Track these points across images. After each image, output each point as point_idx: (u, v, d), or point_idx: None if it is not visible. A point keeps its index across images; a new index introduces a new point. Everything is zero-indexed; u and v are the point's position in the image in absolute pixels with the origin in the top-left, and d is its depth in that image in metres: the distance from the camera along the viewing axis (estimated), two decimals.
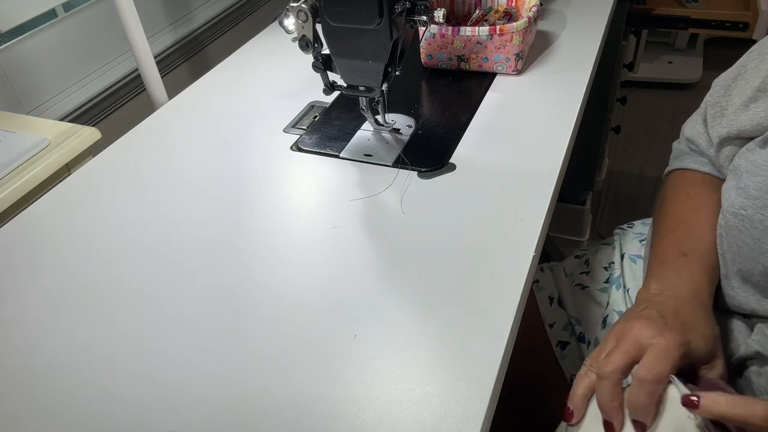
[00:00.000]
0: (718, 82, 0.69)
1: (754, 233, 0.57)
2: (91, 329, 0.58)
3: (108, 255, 0.67)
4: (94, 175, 0.80)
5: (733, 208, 0.59)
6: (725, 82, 0.67)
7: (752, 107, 0.61)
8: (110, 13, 1.14)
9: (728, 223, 0.61)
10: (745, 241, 0.58)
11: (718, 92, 0.68)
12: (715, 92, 0.68)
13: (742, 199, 0.58)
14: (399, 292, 0.59)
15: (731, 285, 0.62)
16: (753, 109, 0.61)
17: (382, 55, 0.69)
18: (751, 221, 0.57)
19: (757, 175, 0.57)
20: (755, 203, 0.57)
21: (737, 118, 0.63)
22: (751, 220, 0.57)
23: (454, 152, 0.77)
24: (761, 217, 0.56)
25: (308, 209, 0.70)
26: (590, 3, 1.09)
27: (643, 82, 2.41)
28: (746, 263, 0.59)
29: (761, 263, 0.57)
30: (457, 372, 0.51)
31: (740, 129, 0.62)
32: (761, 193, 0.56)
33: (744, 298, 0.61)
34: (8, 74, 1.03)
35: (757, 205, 0.56)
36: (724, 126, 0.65)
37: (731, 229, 0.60)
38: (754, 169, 0.58)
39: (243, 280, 0.62)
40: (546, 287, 0.84)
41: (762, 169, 0.57)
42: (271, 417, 0.49)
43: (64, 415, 0.51)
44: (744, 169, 0.60)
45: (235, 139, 0.84)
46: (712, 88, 0.69)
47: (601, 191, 1.89)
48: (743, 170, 0.59)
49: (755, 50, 0.65)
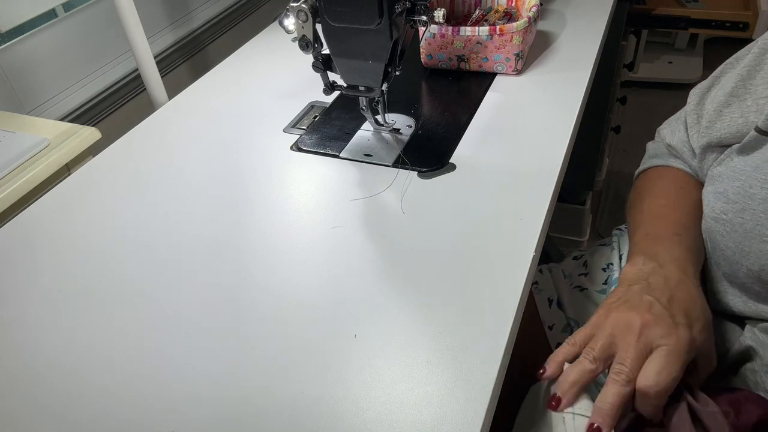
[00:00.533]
0: (694, 91, 0.69)
1: (735, 237, 0.57)
2: (91, 329, 0.58)
3: (108, 255, 0.67)
4: (94, 175, 0.80)
5: (714, 213, 0.60)
6: (700, 91, 0.68)
7: (726, 113, 0.62)
8: (110, 13, 1.14)
9: (710, 228, 0.61)
10: (727, 245, 0.58)
11: (694, 101, 0.68)
12: (691, 101, 0.69)
13: (722, 204, 0.59)
14: (399, 292, 0.59)
15: (718, 288, 0.63)
16: (728, 115, 0.61)
17: (382, 55, 0.69)
18: (731, 225, 0.57)
19: (735, 179, 0.58)
20: (734, 207, 0.57)
21: (714, 125, 0.63)
22: (732, 224, 0.57)
23: (454, 152, 0.77)
24: (741, 221, 0.56)
25: (308, 209, 0.70)
26: (590, 3, 1.09)
27: (643, 82, 2.41)
28: (730, 266, 0.59)
29: (744, 266, 0.57)
30: (457, 372, 0.51)
31: (720, 137, 0.62)
32: (740, 197, 0.57)
33: (731, 300, 0.62)
34: (8, 74, 1.03)
35: (737, 209, 0.57)
36: (703, 135, 0.65)
37: (713, 234, 0.61)
38: (733, 174, 0.58)
39: (243, 280, 0.62)
40: (545, 289, 0.84)
41: (741, 174, 0.57)
42: (271, 417, 0.49)
43: (64, 415, 0.51)
44: (724, 175, 0.60)
45: (235, 139, 0.84)
46: (689, 97, 0.70)
47: (601, 191, 1.89)
48: (724, 176, 0.60)
49: (730, 62, 0.66)
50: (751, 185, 0.56)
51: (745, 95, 0.60)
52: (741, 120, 0.60)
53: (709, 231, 0.61)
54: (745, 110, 0.60)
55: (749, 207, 0.56)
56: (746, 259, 0.56)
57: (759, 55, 0.60)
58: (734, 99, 0.61)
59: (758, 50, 0.60)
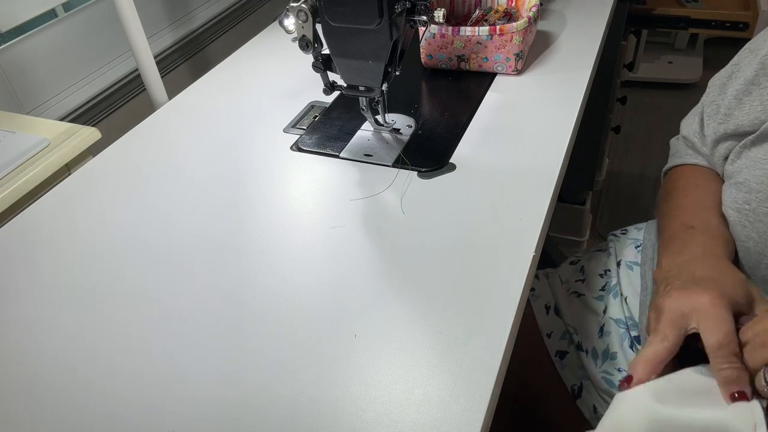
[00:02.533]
0: (713, 81, 0.69)
1: (759, 227, 0.56)
2: (91, 329, 0.58)
3: (108, 255, 0.67)
4: (94, 175, 0.80)
5: (736, 203, 0.59)
6: (720, 80, 0.67)
7: (746, 101, 0.61)
8: (110, 13, 1.14)
9: (732, 220, 0.60)
10: (749, 235, 0.58)
11: (714, 91, 0.68)
12: (711, 91, 0.69)
13: (744, 194, 0.58)
14: (399, 292, 0.59)
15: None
16: (748, 103, 0.61)
17: (382, 55, 0.69)
18: (755, 214, 0.57)
19: (756, 168, 0.57)
20: (758, 196, 0.56)
21: (732, 113, 0.63)
22: (756, 213, 0.56)
23: (454, 152, 0.77)
24: (766, 210, 0.55)
25: (308, 209, 0.70)
26: (590, 3, 1.09)
27: (643, 82, 2.41)
28: (751, 258, 0.58)
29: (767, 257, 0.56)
30: (457, 372, 0.51)
31: (738, 125, 0.62)
32: (763, 186, 0.56)
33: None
34: (8, 74, 1.03)
35: (761, 198, 0.56)
36: (720, 123, 0.65)
37: (734, 226, 0.60)
38: (753, 164, 0.58)
39: (243, 279, 0.62)
40: (542, 295, 0.84)
41: (761, 163, 0.57)
42: (271, 417, 0.49)
43: (64, 415, 0.51)
44: (743, 165, 0.59)
45: (235, 139, 0.84)
46: (708, 87, 0.69)
47: (601, 191, 1.89)
48: (742, 167, 0.59)
49: (747, 48, 0.65)
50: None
51: (765, 83, 0.59)
52: (761, 108, 0.59)
53: (731, 224, 0.60)
54: (764, 98, 0.59)
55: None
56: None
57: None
58: (755, 87, 0.60)
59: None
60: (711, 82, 0.69)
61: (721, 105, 0.66)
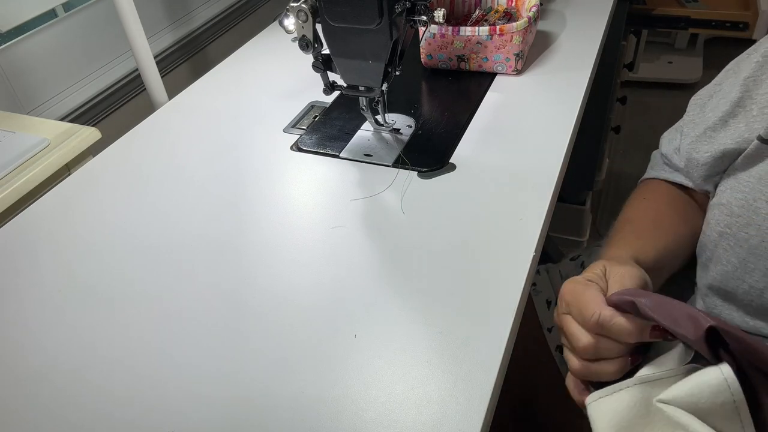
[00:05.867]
0: (694, 100, 0.68)
1: (739, 252, 0.56)
2: (91, 329, 0.58)
3: (108, 255, 0.67)
4: (94, 175, 0.80)
5: (718, 227, 0.58)
6: (701, 100, 0.67)
7: (731, 123, 0.60)
8: (110, 13, 1.14)
9: (714, 242, 0.59)
10: (729, 260, 0.57)
11: (694, 110, 0.68)
12: (690, 110, 0.68)
13: (726, 217, 0.57)
14: (399, 292, 0.59)
15: (714, 302, 0.61)
16: (733, 126, 0.60)
17: (382, 55, 0.69)
18: (735, 240, 0.56)
19: (738, 191, 0.56)
20: (738, 221, 0.56)
21: (717, 135, 0.62)
22: (736, 238, 0.56)
23: (454, 152, 0.77)
24: (746, 236, 0.55)
25: (308, 209, 0.70)
26: (590, 3, 1.09)
27: (643, 82, 2.41)
28: (730, 282, 0.58)
29: (747, 282, 0.56)
30: (457, 372, 0.51)
31: (724, 148, 0.60)
32: (744, 210, 0.55)
33: (728, 315, 0.60)
34: (8, 74, 1.03)
35: (741, 223, 0.55)
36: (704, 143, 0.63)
37: (717, 249, 0.59)
38: (736, 185, 0.57)
39: (243, 279, 0.62)
40: (543, 290, 0.84)
41: (744, 185, 0.56)
42: (271, 417, 0.49)
43: (64, 415, 0.51)
44: (727, 185, 0.59)
45: (235, 139, 0.84)
46: (689, 106, 0.69)
47: (601, 191, 1.89)
48: (726, 187, 0.59)
49: (730, 69, 0.64)
50: (755, 198, 0.54)
51: (751, 105, 0.58)
52: (745, 129, 0.58)
53: (713, 245, 0.60)
54: (750, 120, 0.58)
55: (754, 222, 0.54)
56: (749, 275, 0.55)
57: (763, 64, 0.58)
58: (740, 109, 0.59)
59: (762, 58, 0.59)
60: (692, 101, 0.69)
61: (699, 125, 0.65)
